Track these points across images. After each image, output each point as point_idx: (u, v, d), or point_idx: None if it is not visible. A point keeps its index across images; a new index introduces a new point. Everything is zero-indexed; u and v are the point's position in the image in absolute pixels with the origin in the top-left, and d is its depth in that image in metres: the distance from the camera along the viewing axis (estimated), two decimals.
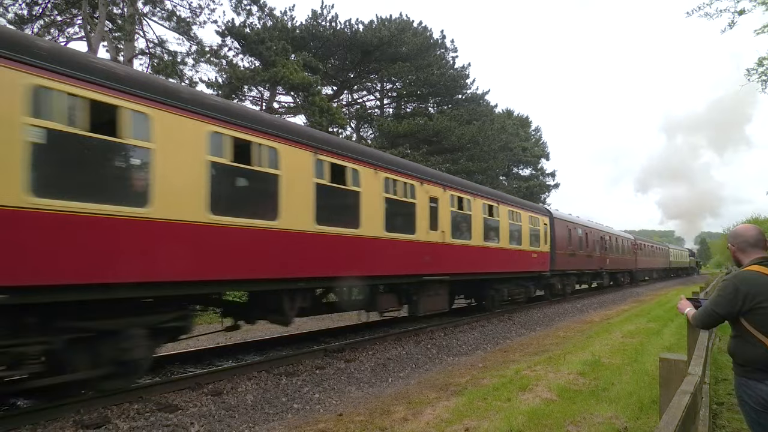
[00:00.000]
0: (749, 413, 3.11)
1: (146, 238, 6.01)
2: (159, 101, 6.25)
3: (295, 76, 20.10)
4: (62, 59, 5.39)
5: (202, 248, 6.68)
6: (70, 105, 5.36)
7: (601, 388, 6.86)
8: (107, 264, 5.66)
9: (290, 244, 8.07)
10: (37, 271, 5.09)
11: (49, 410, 5.79)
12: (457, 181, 13.90)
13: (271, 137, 7.75)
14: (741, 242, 3.32)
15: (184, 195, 6.46)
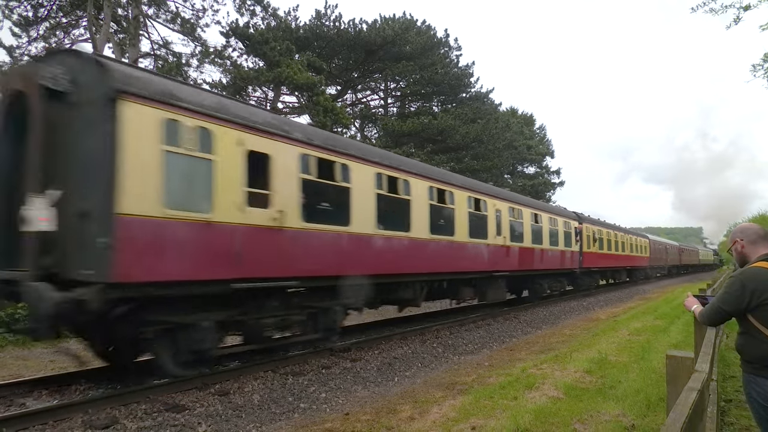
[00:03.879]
0: (758, 410, 3.10)
1: (348, 245, 9.27)
2: (356, 156, 9.53)
3: (300, 76, 20.12)
4: (314, 137, 8.86)
5: (374, 251, 9.84)
6: (318, 164, 8.63)
7: (608, 386, 6.84)
8: (345, 263, 9.03)
9: (446, 249, 12.16)
10: (307, 268, 8.27)
11: (58, 410, 5.83)
12: (513, 195, 17.53)
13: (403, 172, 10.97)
14: (751, 234, 3.30)
15: (365, 215, 9.58)
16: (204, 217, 6.66)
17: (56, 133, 6.08)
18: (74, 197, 5.92)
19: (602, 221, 26.79)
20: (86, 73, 6.15)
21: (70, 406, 5.96)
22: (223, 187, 6.90)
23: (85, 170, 5.99)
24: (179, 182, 6.47)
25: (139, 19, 19.66)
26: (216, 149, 6.88)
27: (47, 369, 8.36)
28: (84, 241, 5.80)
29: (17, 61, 18.33)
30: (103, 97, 5.86)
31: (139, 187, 5.93)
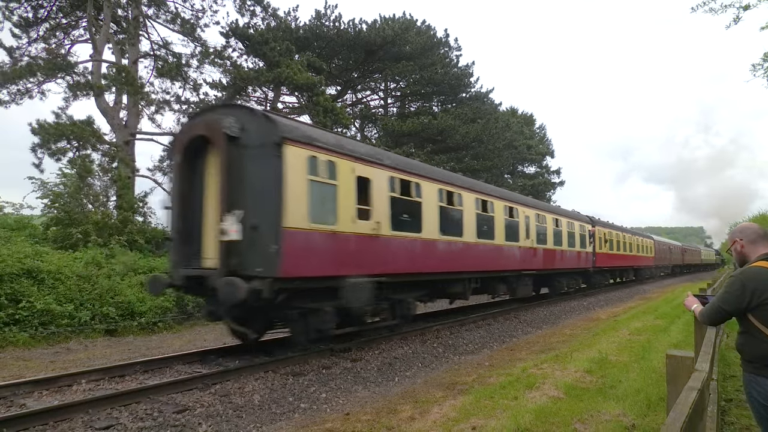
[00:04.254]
0: (758, 409, 3.10)
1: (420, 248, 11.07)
2: (425, 176, 11.50)
3: (299, 77, 20.12)
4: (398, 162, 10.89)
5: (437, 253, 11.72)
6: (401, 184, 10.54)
7: (608, 386, 6.84)
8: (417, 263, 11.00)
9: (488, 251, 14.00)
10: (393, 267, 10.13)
11: (59, 411, 5.84)
12: (539, 203, 19.77)
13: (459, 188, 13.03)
14: (750, 234, 3.31)
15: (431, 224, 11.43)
16: (331, 228, 8.66)
17: (233, 167, 8.07)
18: (251, 215, 7.87)
19: (612, 224, 28.40)
20: (256, 124, 8.24)
21: (71, 406, 5.96)
22: (343, 205, 8.93)
23: (260, 195, 7.96)
24: (317, 202, 8.43)
25: (138, 20, 19.66)
26: (338, 176, 8.90)
27: (48, 369, 8.36)
28: (258, 247, 7.74)
29: (17, 62, 18.33)
30: (272, 141, 7.89)
31: (296, 206, 7.94)
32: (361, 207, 9.37)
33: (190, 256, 8.53)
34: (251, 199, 7.99)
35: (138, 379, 7.69)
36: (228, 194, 7.97)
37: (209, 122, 8.43)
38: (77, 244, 14.56)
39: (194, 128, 8.71)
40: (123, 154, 17.84)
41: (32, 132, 16.43)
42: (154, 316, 12.70)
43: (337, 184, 8.85)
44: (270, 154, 7.89)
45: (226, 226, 7.85)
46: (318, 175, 8.47)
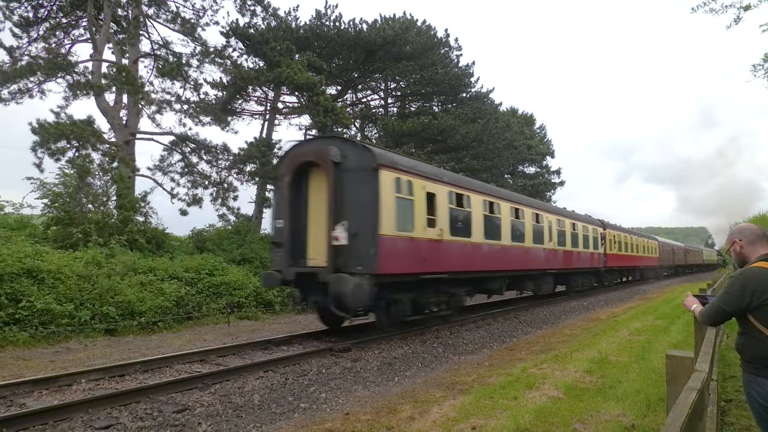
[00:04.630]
0: (758, 410, 3.10)
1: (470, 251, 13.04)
2: (473, 189, 13.49)
3: (300, 76, 20.10)
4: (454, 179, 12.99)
5: (482, 255, 13.58)
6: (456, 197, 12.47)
7: (608, 386, 6.84)
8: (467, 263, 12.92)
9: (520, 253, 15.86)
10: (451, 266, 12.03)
11: (58, 410, 5.84)
12: (559, 209, 21.62)
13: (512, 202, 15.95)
14: (750, 234, 3.31)
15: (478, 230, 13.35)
16: (410, 234, 10.63)
17: (339, 188, 10.07)
18: (352, 225, 9.85)
19: (621, 227, 30.20)
20: (356, 152, 10.31)
21: (71, 406, 5.96)
22: (417, 216, 10.90)
23: (359, 208, 9.89)
24: (401, 214, 10.39)
25: (139, 19, 19.65)
26: (414, 193, 10.89)
27: (47, 369, 8.36)
28: (359, 250, 9.72)
29: (17, 61, 18.33)
30: (371, 167, 9.93)
31: (387, 218, 9.95)
32: (429, 217, 11.39)
33: (298, 257, 10.65)
34: (352, 212, 9.97)
35: (138, 378, 7.69)
36: (335, 209, 9.98)
37: (318, 151, 10.54)
38: (77, 244, 14.55)
39: (303, 155, 10.80)
40: (123, 153, 17.84)
41: (32, 131, 16.42)
42: (154, 316, 12.70)
43: (414, 199, 10.90)
44: (368, 176, 9.96)
45: (336, 234, 9.89)
46: (401, 193, 10.53)
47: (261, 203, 22.58)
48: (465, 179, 14.39)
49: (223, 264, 16.42)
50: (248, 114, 26.63)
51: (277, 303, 16.26)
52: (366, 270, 9.60)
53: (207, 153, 20.63)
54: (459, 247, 12.51)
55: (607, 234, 25.68)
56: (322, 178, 10.44)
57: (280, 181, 11.05)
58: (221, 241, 19.14)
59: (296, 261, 10.61)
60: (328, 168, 10.09)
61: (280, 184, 11.05)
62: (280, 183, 11.12)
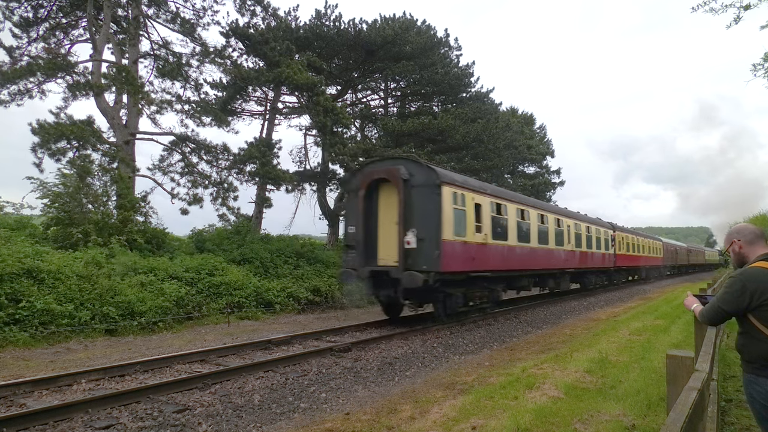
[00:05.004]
0: (758, 410, 3.09)
1: (507, 252, 14.99)
2: (508, 199, 15.43)
3: (300, 76, 20.10)
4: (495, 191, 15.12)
5: (515, 256, 15.41)
6: (496, 206, 14.39)
7: (608, 386, 6.83)
8: (504, 263, 14.75)
9: (545, 254, 17.81)
10: (492, 265, 13.92)
11: (59, 410, 5.84)
12: (577, 214, 22.80)
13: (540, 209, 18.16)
14: (748, 234, 3.31)
15: (512, 234, 15.26)
16: (463, 239, 12.61)
17: (408, 201, 12.16)
18: (420, 231, 11.95)
19: (628, 228, 32.34)
20: (422, 171, 12.34)
21: (71, 406, 5.96)
22: (468, 223, 12.87)
23: (425, 218, 11.97)
24: (457, 222, 12.38)
25: (138, 20, 19.65)
26: (465, 204, 12.87)
27: (48, 369, 8.36)
28: (425, 252, 11.78)
29: (17, 61, 18.33)
30: (435, 183, 11.97)
31: (448, 225, 11.96)
32: (477, 224, 13.35)
33: (369, 258, 12.75)
34: (419, 220, 12.02)
35: (138, 378, 7.70)
36: (405, 218, 12.04)
37: (389, 169, 12.65)
38: (77, 244, 14.55)
39: (376, 172, 12.89)
40: (123, 153, 17.83)
41: (32, 132, 16.42)
42: (154, 316, 12.70)
43: (465, 209, 12.84)
44: (432, 191, 11.97)
45: (408, 239, 11.98)
46: (457, 204, 12.50)
47: (261, 203, 22.58)
48: (503, 190, 16.58)
49: (223, 264, 16.42)
50: (248, 114, 26.65)
51: (277, 303, 16.28)
52: (430, 268, 11.63)
53: (207, 153, 20.61)
54: (499, 249, 14.56)
55: (617, 236, 27.54)
56: (392, 192, 12.62)
57: (354, 194, 13.21)
58: (221, 241, 19.14)
59: (369, 261, 12.71)
60: (399, 184, 12.22)
61: (354, 196, 13.22)
62: (353, 195, 13.29)
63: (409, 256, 11.90)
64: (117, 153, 17.68)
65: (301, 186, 25.36)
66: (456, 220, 12.35)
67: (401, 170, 12.22)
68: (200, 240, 19.16)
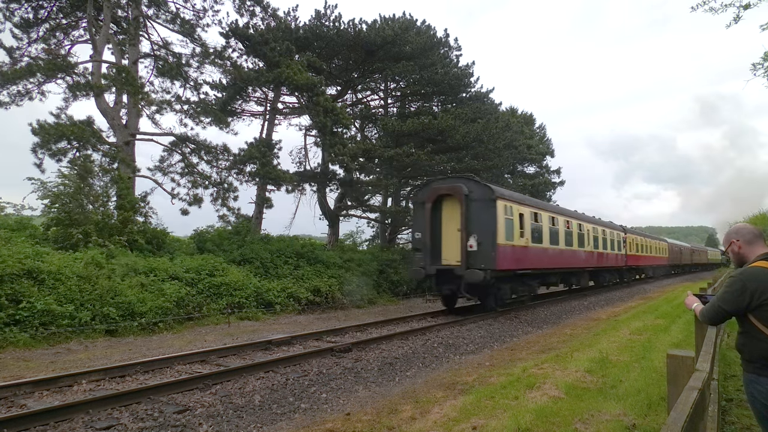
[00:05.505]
0: (759, 409, 3.09)
1: (541, 253, 17.61)
2: (543, 209, 18.27)
3: (300, 77, 20.10)
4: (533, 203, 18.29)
5: (547, 256, 17.98)
6: (534, 215, 17.11)
7: (608, 386, 6.83)
8: (540, 262, 17.57)
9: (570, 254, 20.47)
10: (532, 264, 16.84)
11: (59, 411, 5.84)
12: (595, 219, 25.30)
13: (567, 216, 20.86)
14: (746, 234, 3.31)
15: (546, 238, 17.73)
16: (511, 243, 15.17)
17: (468, 212, 14.69)
18: (479, 237, 14.44)
19: (637, 231, 35.53)
20: (479, 188, 14.96)
21: (71, 406, 5.96)
22: (515, 230, 15.46)
23: (482, 226, 14.49)
24: (506, 229, 14.96)
25: (138, 20, 19.65)
26: (513, 214, 15.45)
27: (48, 370, 8.36)
28: (483, 253, 14.28)
29: (17, 62, 18.33)
30: (490, 198, 14.54)
31: (500, 232, 14.56)
32: (520, 230, 15.90)
33: (435, 259, 15.36)
34: (477, 228, 14.59)
35: (138, 379, 7.70)
36: (467, 226, 14.65)
37: (452, 186, 15.32)
38: (77, 245, 14.55)
39: (441, 188, 15.60)
40: (123, 154, 17.83)
41: (32, 132, 16.42)
42: (155, 317, 12.71)
43: (512, 218, 15.42)
44: (489, 205, 14.61)
45: (470, 243, 14.53)
46: (506, 215, 15.10)
47: (261, 203, 22.57)
48: (539, 202, 20.05)
49: (223, 264, 16.42)
50: (248, 114, 26.64)
51: (277, 304, 16.28)
52: (488, 267, 14.21)
53: (207, 153, 20.61)
54: (536, 250, 17.02)
55: (628, 238, 30.00)
56: (454, 205, 15.20)
57: (421, 206, 15.80)
58: (221, 241, 19.14)
59: (434, 261, 15.31)
60: (461, 198, 14.79)
61: (421, 207, 15.80)
62: (420, 207, 15.90)
63: (470, 256, 14.45)
64: (117, 153, 17.68)
65: (301, 186, 25.33)
66: (506, 227, 15.02)
67: (463, 187, 14.90)
68: (201, 240, 19.16)
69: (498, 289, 15.47)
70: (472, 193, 14.81)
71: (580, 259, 21.65)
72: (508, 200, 15.43)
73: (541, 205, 18.93)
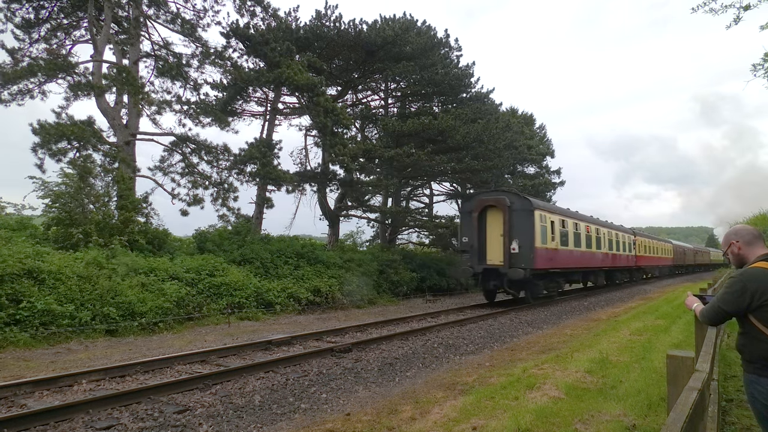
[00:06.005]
0: (759, 410, 3.09)
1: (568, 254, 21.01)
2: (569, 216, 21.48)
3: (300, 77, 20.10)
4: (562, 212, 21.53)
5: (573, 257, 21.37)
6: (561, 222, 20.15)
7: (609, 386, 6.83)
8: (566, 262, 20.71)
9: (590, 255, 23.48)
10: (560, 265, 20.11)
11: (59, 411, 5.84)
12: (610, 224, 28.29)
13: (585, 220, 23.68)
14: (746, 235, 3.32)
15: (572, 240, 21.13)
16: (545, 246, 17.81)
17: (510, 220, 17.39)
18: (520, 241, 17.23)
19: (645, 233, 38.34)
20: (519, 200, 17.75)
21: (71, 406, 5.97)
22: (547, 235, 18.09)
23: (522, 232, 17.28)
24: (542, 234, 17.68)
25: (139, 20, 19.65)
26: (546, 222, 18.15)
27: (48, 370, 8.37)
28: (523, 255, 17.09)
29: (18, 62, 18.34)
30: (529, 209, 17.43)
31: (538, 237, 17.45)
32: (552, 235, 18.60)
33: (481, 259, 18.15)
34: (518, 234, 17.32)
35: (138, 379, 7.70)
36: (510, 232, 17.37)
37: (497, 198, 18.16)
38: (78, 245, 14.56)
39: (486, 200, 18.39)
40: (124, 154, 17.83)
41: (33, 132, 16.41)
42: (155, 317, 12.71)
43: (546, 225, 18.21)
44: (528, 214, 17.40)
45: (513, 246, 17.21)
46: (542, 222, 17.90)
47: (261, 204, 22.56)
48: (566, 210, 22.52)
49: (223, 264, 16.42)
50: (249, 114, 26.63)
51: (277, 304, 16.28)
52: (527, 266, 16.99)
53: (207, 153, 20.61)
54: (564, 252, 19.94)
55: (637, 240, 32.59)
56: (497, 214, 18.07)
57: (469, 214, 18.66)
58: (222, 241, 19.14)
59: (480, 261, 18.08)
60: (504, 209, 17.62)
61: (468, 216, 18.67)
62: (467, 215, 18.76)
63: (513, 257, 17.19)
64: (118, 153, 17.69)
65: (301, 186, 25.32)
66: (542, 233, 17.74)
67: (506, 199, 17.74)
68: (202, 240, 19.17)
69: (534, 285, 18.35)
70: (514, 204, 17.55)
71: (598, 259, 24.47)
72: (543, 210, 18.29)
73: (567, 213, 21.74)
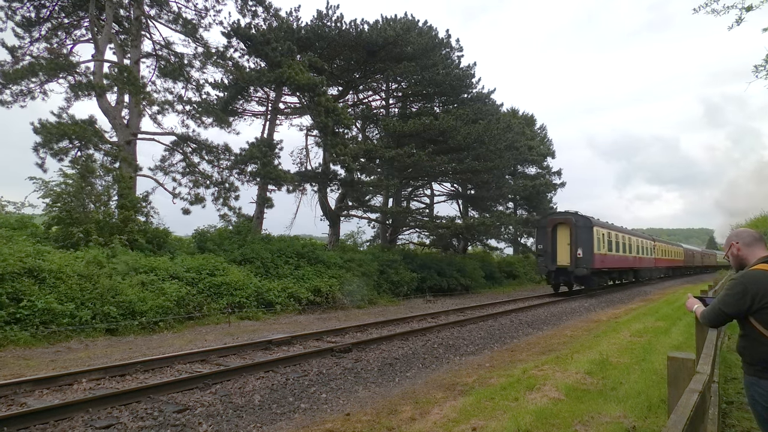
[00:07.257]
0: (760, 412, 3.09)
1: (613, 258, 28.14)
2: (611, 228, 28.26)
3: (301, 77, 20.10)
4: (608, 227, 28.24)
5: (616, 259, 28.70)
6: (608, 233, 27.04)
7: (609, 388, 6.83)
8: (612, 263, 28.00)
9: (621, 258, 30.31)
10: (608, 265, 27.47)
11: (59, 410, 5.84)
12: (635, 232, 35.26)
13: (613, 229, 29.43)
14: (746, 237, 3.32)
15: (615, 247, 28.37)
16: (601, 252, 25.14)
17: (575, 233, 24.24)
18: (582, 248, 24.02)
19: (663, 239, 46.57)
20: (582, 219, 24.66)
21: (71, 405, 5.97)
22: (602, 244, 25.42)
23: (584, 242, 24.10)
24: (598, 243, 24.75)
25: (140, 20, 19.66)
26: (599, 234, 25.18)
27: (48, 368, 8.37)
28: (586, 259, 23.95)
29: (19, 61, 18.36)
30: (589, 226, 24.39)
31: (596, 245, 24.50)
32: (603, 244, 24.69)
33: (553, 261, 24.34)
34: (582, 243, 23.65)
35: (138, 378, 7.70)
36: (575, 243, 23.70)
37: (565, 218, 24.69)
38: (78, 244, 14.57)
39: (557, 219, 24.88)
40: (125, 153, 17.85)
41: (34, 131, 16.43)
42: (155, 316, 12.72)
43: (600, 237, 24.55)
44: (589, 230, 23.97)
45: (578, 252, 23.41)
46: (597, 235, 24.28)
47: (262, 203, 22.57)
48: (611, 224, 28.03)
49: (224, 264, 16.42)
50: (250, 114, 26.65)
51: (278, 303, 16.28)
52: (588, 266, 23.43)
53: (208, 153, 20.62)
54: (610, 256, 26.45)
55: (656, 245, 38.83)
56: (565, 229, 24.31)
57: (544, 229, 24.93)
58: (222, 241, 19.15)
59: (553, 263, 24.33)
60: (571, 225, 23.94)
61: (544, 230, 24.91)
62: (543, 230, 25.09)
63: (578, 260, 23.49)
64: (119, 153, 17.70)
65: (302, 186, 25.33)
66: (597, 242, 24.18)
67: (572, 219, 24.11)
68: (202, 240, 19.17)
69: (591, 279, 24.67)
70: (578, 221, 23.97)
71: (630, 261, 31.23)
72: (598, 226, 24.91)
73: (612, 226, 27.96)
